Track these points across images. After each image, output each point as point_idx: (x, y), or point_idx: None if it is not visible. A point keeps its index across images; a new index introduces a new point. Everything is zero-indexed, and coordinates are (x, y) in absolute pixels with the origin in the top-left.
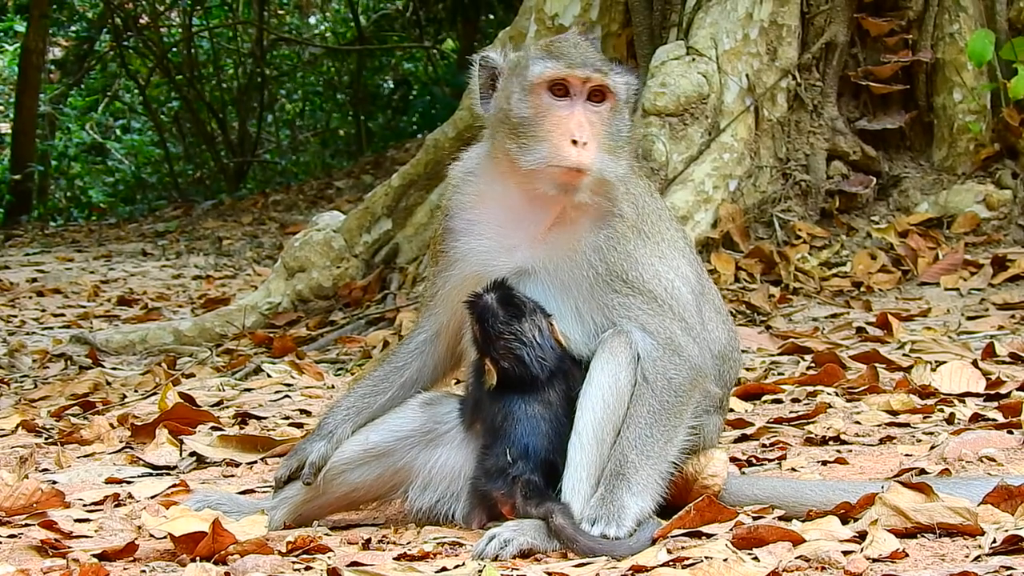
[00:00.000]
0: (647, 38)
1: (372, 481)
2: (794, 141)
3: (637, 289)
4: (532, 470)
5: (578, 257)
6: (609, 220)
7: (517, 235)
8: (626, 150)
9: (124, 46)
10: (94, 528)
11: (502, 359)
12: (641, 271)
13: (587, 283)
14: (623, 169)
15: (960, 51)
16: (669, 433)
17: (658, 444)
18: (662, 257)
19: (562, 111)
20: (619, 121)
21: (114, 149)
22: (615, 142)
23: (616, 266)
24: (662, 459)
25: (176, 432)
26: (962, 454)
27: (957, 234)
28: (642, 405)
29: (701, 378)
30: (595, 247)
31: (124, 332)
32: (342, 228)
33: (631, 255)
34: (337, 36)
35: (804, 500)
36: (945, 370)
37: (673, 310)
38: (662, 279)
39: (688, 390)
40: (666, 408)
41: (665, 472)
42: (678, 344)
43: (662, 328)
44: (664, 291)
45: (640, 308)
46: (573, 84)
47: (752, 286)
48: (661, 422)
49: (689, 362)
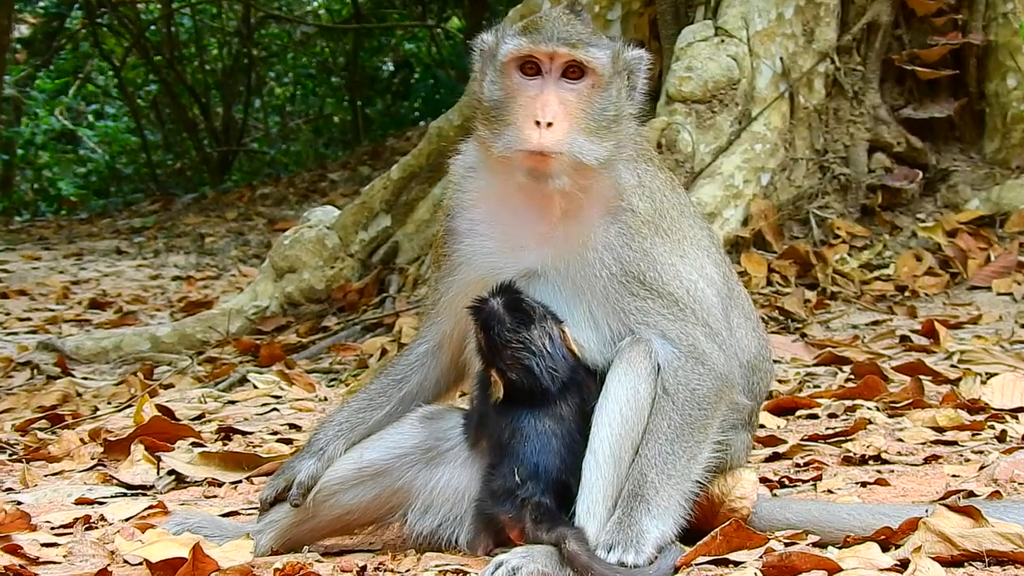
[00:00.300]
0: (672, 17)
1: (367, 503)
2: (832, 131)
3: (655, 291)
4: (543, 491)
5: (589, 256)
6: (620, 215)
7: (523, 234)
8: (619, 132)
9: (97, 23)
10: (63, 553)
11: (509, 370)
12: (659, 271)
13: (600, 285)
14: (606, 153)
15: (1015, 33)
16: (693, 450)
17: (680, 462)
18: (683, 256)
19: (532, 91)
20: (603, 99)
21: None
22: (598, 123)
23: (631, 265)
24: (685, 478)
25: (153, 448)
26: (1014, 475)
27: (1011, 233)
28: (662, 419)
29: (728, 389)
30: (607, 245)
31: (96, 338)
32: (336, 225)
33: (647, 253)
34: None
35: (841, 525)
36: (996, 383)
37: (696, 314)
38: (683, 280)
39: (713, 402)
40: (689, 423)
41: (688, 493)
42: (702, 351)
43: (684, 334)
44: (686, 293)
45: (659, 313)
46: (542, 61)
47: (786, 290)
48: (683, 438)
49: (714, 371)
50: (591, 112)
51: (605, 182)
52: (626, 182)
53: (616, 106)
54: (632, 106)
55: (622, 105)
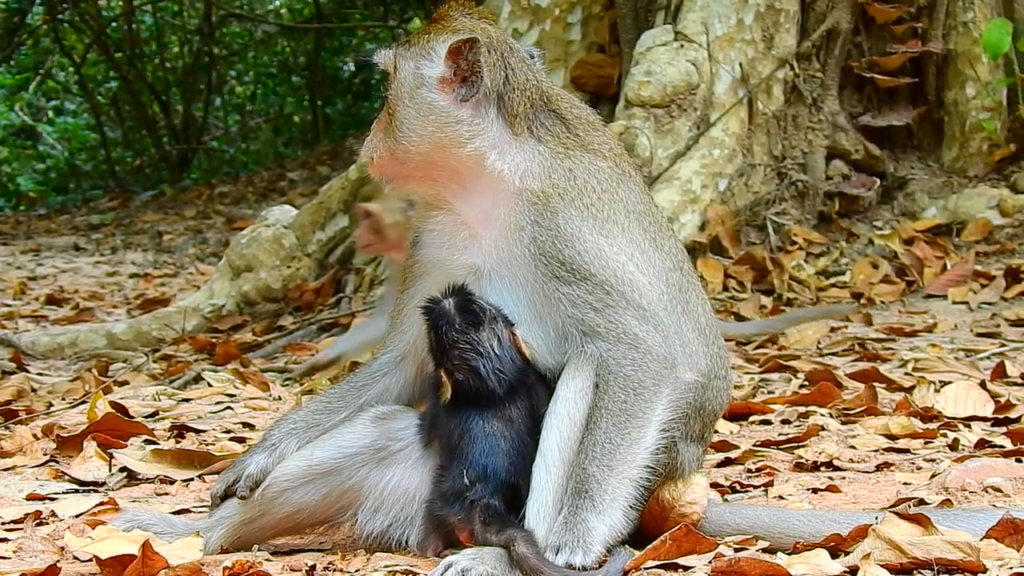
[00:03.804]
0: (631, 21)
1: (318, 501)
2: (791, 137)
3: (578, 273)
4: (491, 493)
5: (509, 241)
6: (527, 195)
7: (463, 233)
8: (435, 121)
9: (58, 19)
10: (12, 549)
11: (456, 370)
12: (578, 249)
13: (528, 271)
14: (417, 138)
15: (974, 42)
16: (634, 436)
17: (620, 451)
18: (608, 238)
19: None
20: (403, 95)
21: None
22: (402, 119)
23: (547, 244)
24: (629, 466)
25: (106, 445)
26: (965, 483)
27: (967, 242)
28: (599, 411)
29: (668, 369)
30: (519, 225)
31: (52, 334)
32: (294, 224)
33: (561, 229)
34: (293, 13)
35: (791, 531)
36: (950, 391)
37: (626, 296)
38: (609, 261)
39: (651, 386)
40: (626, 410)
41: (636, 480)
42: (634, 336)
43: (613, 323)
44: (612, 276)
45: (586, 301)
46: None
47: (742, 296)
48: (621, 426)
49: (650, 354)
50: (392, 112)
51: (494, 165)
52: (531, 163)
53: (420, 97)
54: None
55: (416, 95)
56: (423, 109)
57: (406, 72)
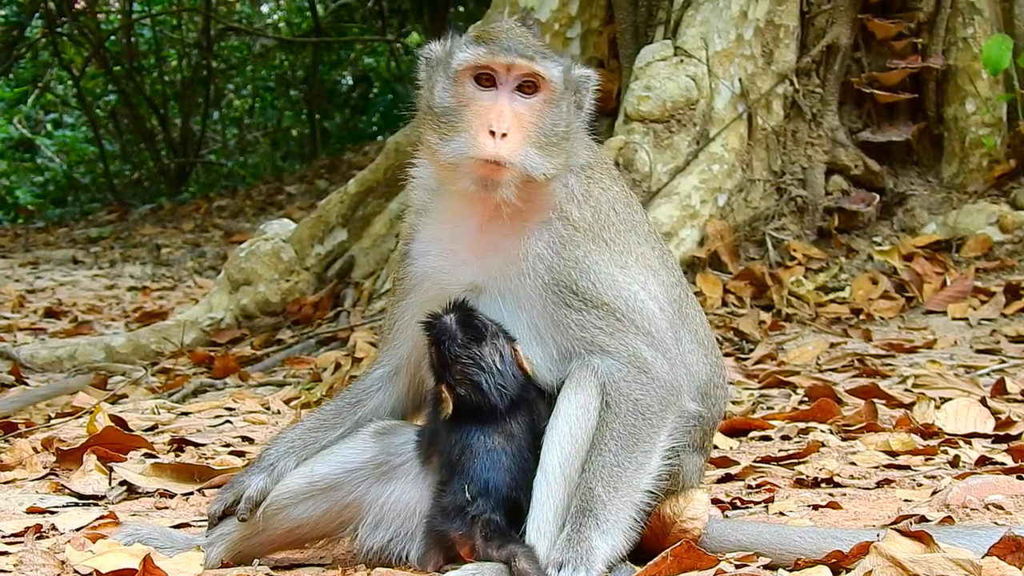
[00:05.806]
0: (631, 36)
1: (318, 517)
2: (790, 153)
3: (590, 302)
4: (493, 509)
5: (523, 267)
6: (552, 225)
7: (466, 247)
8: (568, 148)
9: (57, 32)
10: (13, 562)
11: (458, 385)
12: (593, 280)
13: (537, 296)
14: (554, 168)
15: (974, 58)
16: (640, 460)
17: (626, 474)
18: (624, 268)
19: (485, 101)
20: (555, 115)
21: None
22: (548, 138)
23: (562, 275)
24: (634, 490)
25: (105, 458)
26: (966, 500)
27: (967, 258)
28: (607, 432)
29: (674, 396)
30: (538, 255)
31: (51, 347)
32: (292, 238)
33: (580, 262)
34: (292, 27)
35: (792, 547)
36: (950, 408)
37: (636, 324)
38: (621, 291)
39: (659, 411)
40: (633, 433)
41: (638, 504)
42: (643, 360)
43: (623, 345)
44: (624, 304)
45: (596, 326)
46: (498, 72)
47: (741, 311)
48: (629, 449)
49: (658, 380)
50: (542, 127)
51: (543, 194)
52: (562, 193)
53: (566, 122)
54: (580, 124)
55: (571, 122)
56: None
57: (560, 81)
